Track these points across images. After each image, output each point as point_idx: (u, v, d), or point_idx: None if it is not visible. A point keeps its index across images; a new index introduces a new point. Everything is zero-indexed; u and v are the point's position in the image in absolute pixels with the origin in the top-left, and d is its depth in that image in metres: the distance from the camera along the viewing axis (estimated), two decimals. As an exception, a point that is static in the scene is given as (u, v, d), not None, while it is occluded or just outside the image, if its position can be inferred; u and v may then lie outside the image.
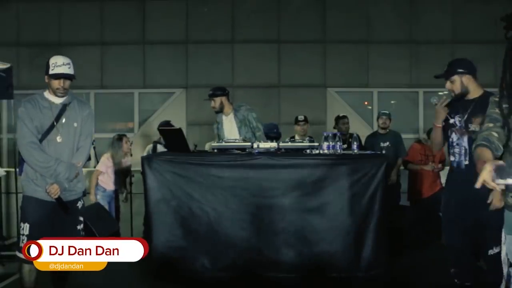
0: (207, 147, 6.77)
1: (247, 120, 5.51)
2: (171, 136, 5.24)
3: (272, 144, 4.84)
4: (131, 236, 6.27)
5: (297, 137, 6.72)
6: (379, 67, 9.11)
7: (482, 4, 9.33)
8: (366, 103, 9.72)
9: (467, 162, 3.72)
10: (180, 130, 5.11)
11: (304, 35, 9.33)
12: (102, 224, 5.83)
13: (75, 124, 3.66)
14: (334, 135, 4.82)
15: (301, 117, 7.05)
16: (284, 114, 9.22)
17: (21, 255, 3.60)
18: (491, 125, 2.58)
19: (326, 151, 4.77)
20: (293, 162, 4.59)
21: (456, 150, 3.77)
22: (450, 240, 3.89)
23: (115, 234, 6.07)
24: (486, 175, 2.13)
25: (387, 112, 7.01)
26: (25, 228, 3.60)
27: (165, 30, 9.45)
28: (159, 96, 9.72)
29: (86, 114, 3.73)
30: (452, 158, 3.83)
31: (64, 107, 3.64)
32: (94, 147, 6.83)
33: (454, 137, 3.80)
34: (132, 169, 6.77)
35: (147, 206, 4.66)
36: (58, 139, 3.60)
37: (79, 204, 3.81)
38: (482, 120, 3.55)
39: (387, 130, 6.87)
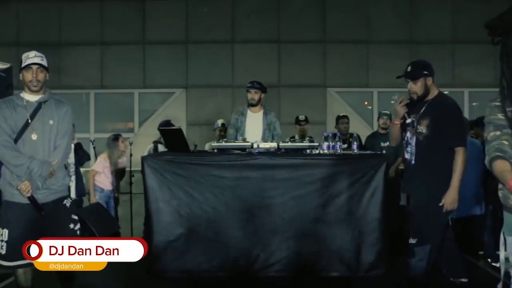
0: (207, 147, 6.76)
1: (273, 127, 5.54)
2: (171, 136, 5.24)
3: (272, 144, 4.84)
4: (131, 236, 6.26)
5: (297, 137, 6.71)
6: (379, 67, 9.12)
7: (482, 4, 9.33)
8: (366, 103, 9.73)
9: (413, 163, 3.83)
10: (180, 130, 5.11)
11: (304, 35, 9.34)
12: (102, 224, 5.83)
13: (51, 122, 3.55)
14: (334, 135, 4.82)
15: (302, 117, 7.04)
16: (284, 114, 9.21)
17: (2, 262, 3.54)
18: (498, 133, 2.44)
19: (326, 151, 4.77)
20: (293, 162, 4.59)
21: (409, 149, 3.87)
22: (429, 240, 3.84)
23: (115, 234, 6.08)
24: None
25: (388, 112, 7.00)
26: (4, 234, 3.50)
27: (165, 30, 9.45)
28: (159, 96, 9.73)
29: (63, 112, 3.61)
30: (406, 156, 3.92)
31: (39, 105, 3.55)
32: (94, 147, 6.83)
33: (408, 136, 3.89)
34: (132, 169, 6.76)
35: (147, 206, 4.66)
36: (33, 137, 3.50)
37: (67, 202, 3.67)
38: (428, 123, 3.71)
39: (388, 130, 6.86)
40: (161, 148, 6.53)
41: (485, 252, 5.81)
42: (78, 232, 3.67)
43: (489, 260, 5.67)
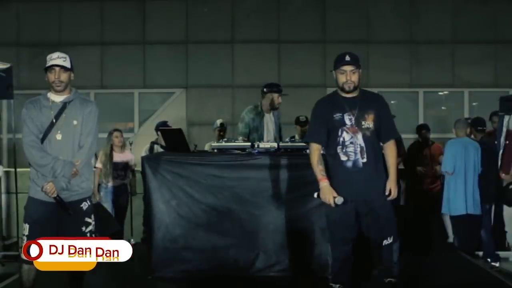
0: (207, 147, 6.76)
1: (279, 126, 5.72)
2: (171, 136, 5.24)
3: (272, 144, 4.84)
4: (131, 236, 6.27)
5: (297, 137, 6.68)
6: (379, 67, 9.11)
7: (482, 4, 9.33)
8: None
9: (364, 160, 3.68)
10: (180, 130, 5.11)
11: (304, 35, 9.33)
12: (102, 224, 5.83)
13: (75, 122, 3.62)
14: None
15: (303, 118, 6.97)
16: (284, 114, 9.18)
17: (23, 256, 3.60)
18: None
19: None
20: (293, 162, 4.60)
21: (350, 149, 3.69)
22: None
23: (116, 234, 6.07)
24: None
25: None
26: (26, 228, 3.60)
27: (165, 30, 9.45)
28: (159, 96, 9.73)
29: (87, 112, 3.67)
30: (344, 158, 3.70)
31: (64, 105, 3.63)
32: (94, 147, 6.83)
33: (346, 136, 3.70)
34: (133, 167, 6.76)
35: (147, 206, 4.66)
36: (58, 137, 3.58)
37: (84, 205, 3.71)
38: (373, 117, 3.67)
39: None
40: (157, 149, 6.53)
41: (484, 252, 5.82)
42: (88, 234, 3.70)
43: (488, 260, 5.68)
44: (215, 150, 5.05)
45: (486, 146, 5.83)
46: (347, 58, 3.69)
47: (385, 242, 3.79)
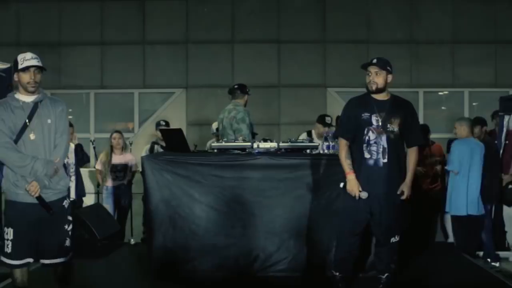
0: (208, 147, 6.76)
1: None
2: (171, 136, 5.24)
3: (272, 144, 4.83)
4: (131, 236, 6.27)
5: (315, 136, 6.37)
6: (379, 67, 9.10)
7: (482, 4, 9.34)
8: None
9: (385, 160, 3.86)
10: (180, 130, 5.11)
11: (304, 35, 9.34)
12: (102, 224, 5.84)
13: (49, 121, 3.59)
14: (334, 135, 4.82)
15: (328, 119, 6.44)
16: (284, 114, 9.23)
17: (5, 259, 3.58)
18: None
19: (326, 151, 4.77)
20: (293, 162, 4.59)
21: (374, 148, 3.86)
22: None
23: (116, 235, 6.08)
24: None
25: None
26: (9, 233, 3.54)
27: (165, 30, 9.45)
28: (159, 96, 9.73)
29: (59, 111, 3.65)
30: (367, 156, 3.88)
31: (36, 105, 3.58)
32: (94, 147, 6.84)
33: (371, 135, 3.88)
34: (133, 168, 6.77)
35: (147, 206, 4.66)
36: (31, 136, 3.54)
37: (65, 203, 3.70)
38: (400, 122, 3.85)
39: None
40: (157, 149, 6.55)
41: (484, 252, 5.82)
42: (69, 232, 3.70)
43: (488, 260, 5.67)
44: (215, 150, 5.04)
45: (487, 145, 5.82)
46: (374, 61, 3.94)
47: (392, 239, 3.96)
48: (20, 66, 3.58)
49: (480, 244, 5.86)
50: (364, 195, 3.85)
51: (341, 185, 3.96)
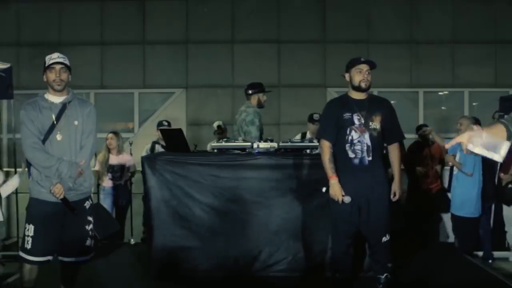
0: (208, 147, 6.76)
1: None
2: (171, 136, 5.24)
3: (272, 144, 4.83)
4: (131, 236, 6.27)
5: (309, 135, 6.44)
6: (379, 67, 9.06)
7: (482, 4, 9.33)
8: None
9: (370, 158, 3.90)
10: (180, 130, 5.11)
11: (304, 35, 9.33)
12: (102, 224, 5.83)
13: (76, 122, 3.64)
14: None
15: (316, 116, 6.53)
16: (284, 114, 9.22)
17: (24, 255, 3.62)
18: None
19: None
20: (293, 162, 4.59)
21: (358, 147, 3.90)
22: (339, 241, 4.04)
23: (116, 235, 6.07)
24: (463, 138, 2.02)
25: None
26: (30, 229, 3.60)
27: (165, 30, 9.44)
28: (159, 96, 9.72)
29: (87, 112, 3.70)
30: (352, 155, 3.92)
31: (64, 106, 3.64)
32: (94, 147, 6.84)
33: (354, 135, 3.92)
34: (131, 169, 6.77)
35: (147, 206, 4.66)
36: (58, 137, 3.59)
37: (87, 204, 3.78)
38: (381, 119, 3.92)
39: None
40: (158, 149, 6.55)
41: (484, 252, 5.82)
42: (90, 232, 3.76)
43: (490, 261, 5.68)
44: (215, 150, 5.04)
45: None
46: (363, 59, 4.03)
47: (384, 239, 3.97)
48: (46, 65, 3.63)
49: (479, 243, 5.87)
50: (347, 199, 3.87)
51: (324, 189, 3.98)
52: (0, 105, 8.70)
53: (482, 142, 2.00)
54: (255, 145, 4.81)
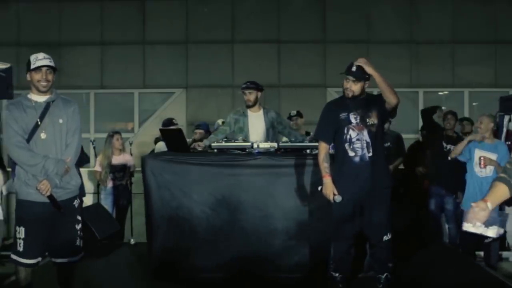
0: (206, 142, 6.72)
1: (277, 123, 5.36)
2: (171, 136, 5.24)
3: (272, 144, 4.83)
4: (131, 236, 6.26)
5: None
6: (379, 67, 9.03)
7: (482, 4, 9.34)
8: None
9: (370, 154, 3.94)
10: (180, 130, 5.12)
11: (304, 35, 9.34)
12: (102, 224, 5.84)
13: (60, 121, 3.63)
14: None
15: (293, 112, 7.09)
16: (284, 114, 9.19)
17: (16, 258, 3.61)
18: None
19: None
20: (293, 162, 4.59)
21: (357, 145, 3.94)
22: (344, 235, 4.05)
23: (116, 235, 6.08)
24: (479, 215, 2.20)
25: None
26: (21, 231, 3.58)
27: (165, 30, 9.46)
28: (159, 96, 9.73)
29: (71, 111, 3.70)
30: (351, 154, 3.95)
31: (48, 105, 3.62)
32: (94, 147, 6.84)
33: (352, 133, 3.96)
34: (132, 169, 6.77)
35: (147, 206, 4.66)
36: (42, 136, 3.57)
37: (76, 203, 3.75)
38: (377, 113, 3.97)
39: (387, 131, 6.85)
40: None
41: (484, 253, 5.82)
42: (79, 232, 3.73)
43: (489, 261, 5.67)
44: (215, 150, 5.04)
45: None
46: (353, 68, 4.02)
47: (385, 238, 3.99)
48: (32, 66, 3.60)
49: (479, 244, 5.87)
50: (338, 198, 3.92)
51: (319, 188, 4.04)
52: (0, 105, 8.70)
53: (486, 219, 2.20)
54: (255, 145, 4.81)
